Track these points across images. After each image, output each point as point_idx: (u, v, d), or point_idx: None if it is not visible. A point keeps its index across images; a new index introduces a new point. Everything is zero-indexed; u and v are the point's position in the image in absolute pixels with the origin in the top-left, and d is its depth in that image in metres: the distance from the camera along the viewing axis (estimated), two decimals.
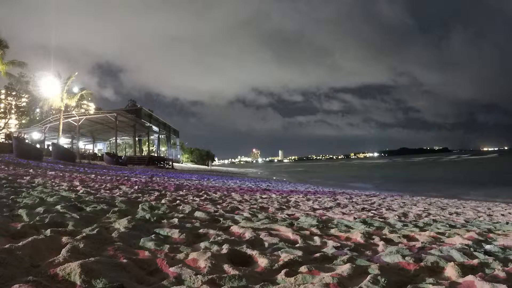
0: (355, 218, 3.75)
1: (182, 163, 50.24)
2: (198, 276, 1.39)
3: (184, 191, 6.04)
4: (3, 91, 44.04)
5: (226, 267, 1.56)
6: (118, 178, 8.39)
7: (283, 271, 1.54)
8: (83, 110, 48.96)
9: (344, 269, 1.57)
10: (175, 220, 2.67)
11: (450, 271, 1.66)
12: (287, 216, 3.71)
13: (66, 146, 29.52)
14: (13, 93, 44.72)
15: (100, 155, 31.09)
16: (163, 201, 4.00)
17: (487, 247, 2.42)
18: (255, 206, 4.52)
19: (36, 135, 32.00)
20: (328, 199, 6.91)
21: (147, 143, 42.01)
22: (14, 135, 22.61)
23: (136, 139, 37.55)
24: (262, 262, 1.70)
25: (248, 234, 2.36)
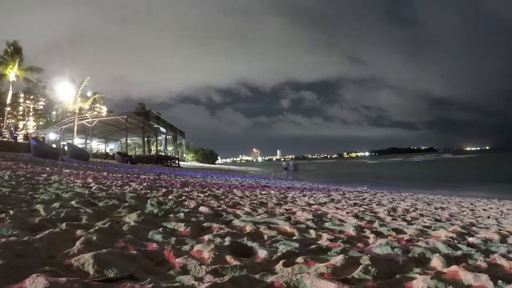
0: (347, 213, 3.76)
1: (187, 161, 50.24)
2: (202, 266, 1.39)
3: (189, 187, 6.03)
4: (21, 95, 44.01)
5: (228, 258, 1.56)
6: (128, 175, 8.39)
7: (281, 262, 1.54)
8: (95, 113, 49.02)
9: (337, 260, 1.57)
10: (181, 215, 2.67)
11: (436, 261, 1.66)
12: (284, 210, 3.71)
13: (80, 146, 29.49)
14: (31, 97, 44.78)
15: (111, 154, 31.10)
16: (170, 197, 4.00)
17: (470, 239, 2.42)
18: (255, 201, 4.52)
19: (52, 136, 32.01)
20: (323, 195, 6.91)
21: (155, 143, 42.04)
22: (32, 136, 22.59)
23: (145, 139, 37.58)
24: (262, 253, 1.70)
25: (248, 228, 2.36)
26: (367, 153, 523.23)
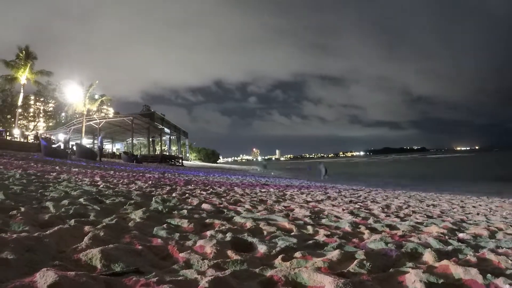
0: (343, 210, 3.75)
1: (190, 161, 50.24)
2: (205, 261, 1.39)
3: (192, 185, 6.03)
4: (32, 97, 44.04)
5: (229, 253, 1.55)
6: (134, 174, 8.38)
7: (280, 256, 1.54)
8: (103, 114, 48.98)
9: (334, 254, 1.57)
10: (185, 212, 2.67)
11: (428, 256, 1.66)
12: (283, 207, 3.71)
13: (88, 146, 29.49)
14: (41, 99, 44.80)
15: (118, 154, 31.09)
16: (174, 195, 4.00)
17: (460, 235, 2.42)
18: (255, 199, 4.52)
19: (61, 136, 32.03)
20: (320, 192, 6.91)
21: (160, 143, 42.01)
22: (42, 136, 22.60)
23: (150, 139, 37.55)
24: (262, 248, 1.70)
25: (249, 224, 2.36)
26: (362, 153, 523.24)
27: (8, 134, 25.11)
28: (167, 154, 37.03)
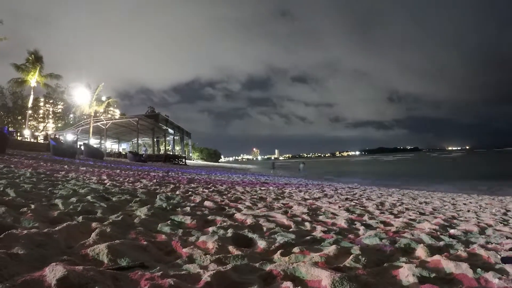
0: (339, 207, 3.75)
1: (193, 160, 50.22)
2: (207, 256, 1.39)
3: (195, 184, 6.03)
4: (42, 99, 44.05)
5: (230, 248, 1.56)
6: (139, 173, 8.38)
7: (279, 252, 1.54)
8: (109, 115, 49.02)
9: (330, 250, 1.57)
10: (188, 209, 2.67)
11: (420, 251, 1.67)
12: (282, 205, 3.71)
13: (95, 146, 29.48)
14: (51, 101, 44.82)
15: (124, 153, 31.08)
16: (177, 192, 3.99)
17: (452, 231, 2.42)
18: (255, 196, 4.51)
19: (70, 137, 32.03)
20: (317, 190, 6.91)
21: (164, 143, 42.01)
22: (51, 136, 22.56)
23: (155, 140, 37.56)
24: (261, 244, 1.70)
25: (249, 220, 2.36)
26: (357, 152, 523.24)
27: (18, 134, 25.09)
28: (171, 153, 37.02)
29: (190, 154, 51.88)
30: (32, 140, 24.70)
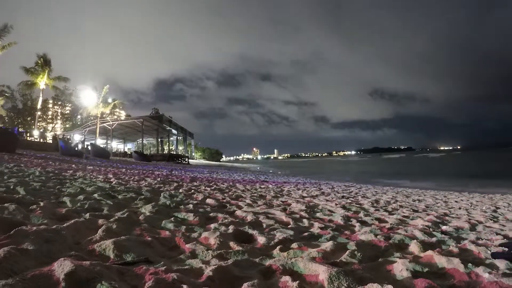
0: (336, 204, 3.75)
1: (196, 159, 50.21)
2: (209, 251, 1.40)
3: (197, 182, 6.03)
4: (50, 101, 44.09)
5: (231, 244, 1.56)
6: (144, 171, 8.38)
7: (278, 247, 1.54)
8: (115, 117, 49.00)
9: (327, 245, 1.57)
10: (190, 206, 2.67)
11: (414, 247, 1.66)
12: (281, 202, 3.71)
13: (102, 146, 29.48)
14: (59, 103, 44.88)
15: (129, 153, 31.09)
16: (180, 190, 3.99)
17: (444, 227, 2.42)
18: (255, 194, 4.51)
19: (77, 137, 32.03)
20: (314, 188, 6.91)
21: (168, 143, 42.01)
22: (59, 137, 22.58)
23: (159, 140, 37.56)
24: (261, 240, 1.70)
25: (249, 217, 2.36)
26: (353, 152, 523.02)
27: (28, 135, 25.10)
28: (175, 153, 37.03)
29: (193, 154, 51.88)
30: (41, 140, 24.70)
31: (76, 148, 16.31)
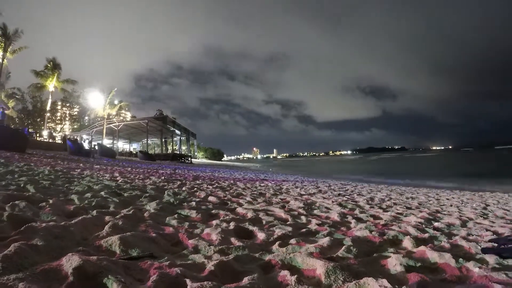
0: (333, 202, 3.75)
1: (198, 159, 50.21)
2: (211, 246, 1.40)
3: (200, 180, 6.03)
4: (59, 103, 44.11)
5: (233, 239, 1.56)
6: (148, 170, 8.37)
7: (277, 243, 1.54)
8: (121, 118, 49.01)
9: (324, 241, 1.57)
10: (193, 203, 2.67)
11: (407, 243, 1.67)
12: (280, 200, 3.70)
13: (108, 145, 29.48)
14: (67, 105, 44.94)
15: (134, 152, 31.09)
16: (183, 189, 3.99)
17: (436, 224, 2.42)
18: (255, 192, 4.51)
19: (84, 137, 32.03)
20: (312, 186, 6.90)
21: (171, 143, 42.00)
22: (68, 137, 22.57)
23: (163, 140, 37.55)
24: (261, 236, 1.70)
25: (250, 214, 2.36)
26: (349, 152, 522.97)
27: (38, 135, 25.09)
28: (178, 153, 37.02)
29: (196, 153, 51.90)
30: (50, 140, 24.68)
31: (87, 148, 16.30)
